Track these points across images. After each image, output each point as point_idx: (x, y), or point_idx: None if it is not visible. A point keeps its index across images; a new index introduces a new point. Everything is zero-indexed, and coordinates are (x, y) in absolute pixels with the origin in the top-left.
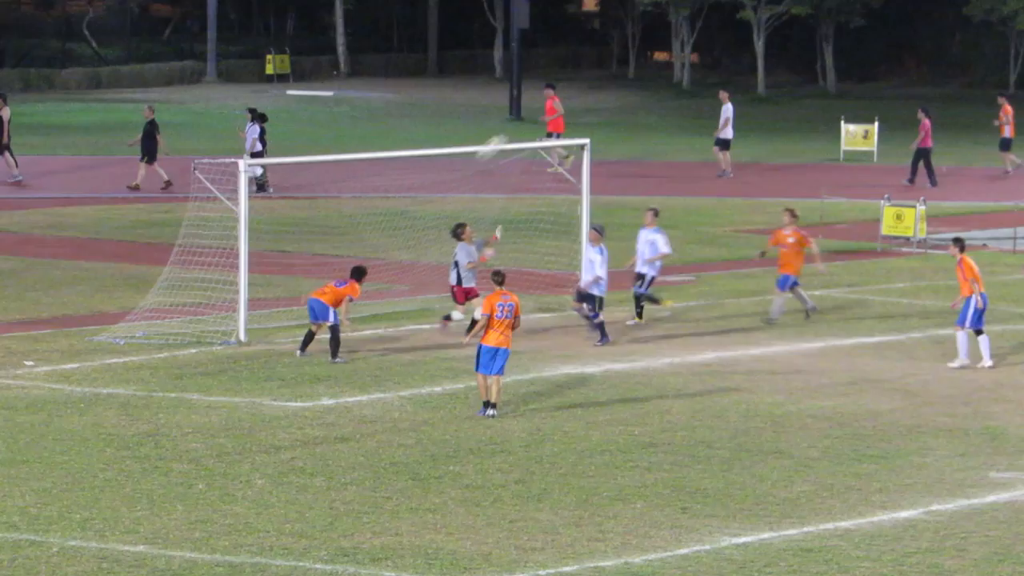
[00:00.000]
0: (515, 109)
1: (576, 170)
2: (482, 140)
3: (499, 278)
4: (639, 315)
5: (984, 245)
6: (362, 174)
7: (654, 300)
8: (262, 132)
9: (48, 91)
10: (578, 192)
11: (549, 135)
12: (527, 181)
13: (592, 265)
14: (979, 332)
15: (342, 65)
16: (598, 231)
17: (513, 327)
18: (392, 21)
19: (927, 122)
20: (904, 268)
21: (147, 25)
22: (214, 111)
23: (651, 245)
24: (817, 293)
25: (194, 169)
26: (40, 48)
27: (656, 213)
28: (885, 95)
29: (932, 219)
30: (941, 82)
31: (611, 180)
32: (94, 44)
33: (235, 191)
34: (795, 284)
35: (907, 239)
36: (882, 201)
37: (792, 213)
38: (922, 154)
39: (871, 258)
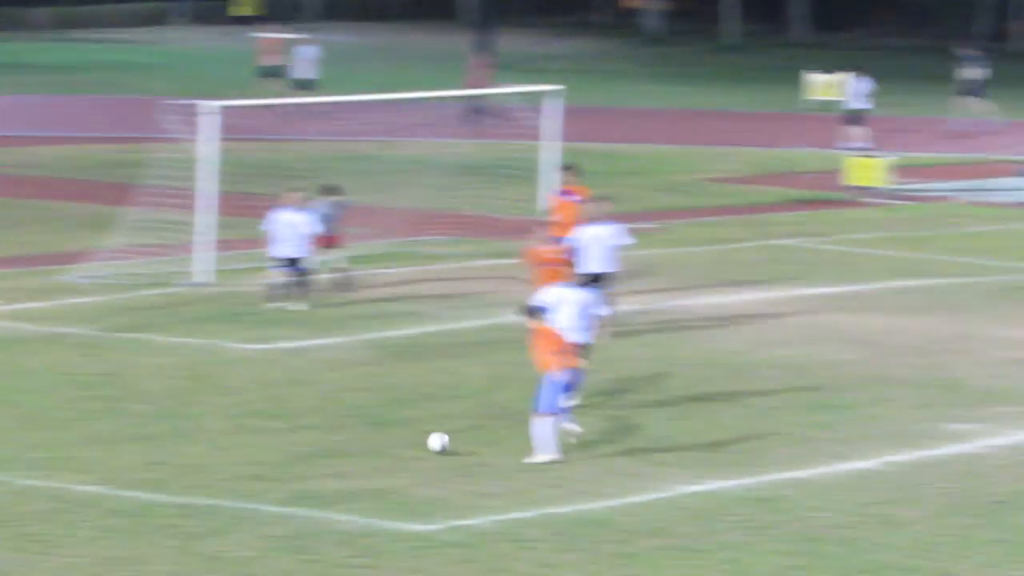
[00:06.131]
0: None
1: (545, 116)
2: (444, 85)
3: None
4: None
5: (949, 196)
6: (327, 117)
7: None
8: None
9: (16, 30)
10: (545, 137)
11: None
12: (495, 126)
13: None
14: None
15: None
16: None
17: None
18: None
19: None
20: (868, 218)
21: None
22: (183, 52)
23: None
24: (781, 242)
25: (161, 111)
26: None
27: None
28: (856, 45)
29: (898, 170)
30: (913, 33)
31: (578, 126)
32: None
33: (201, 133)
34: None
35: (872, 189)
36: (847, 151)
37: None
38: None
39: (836, 208)
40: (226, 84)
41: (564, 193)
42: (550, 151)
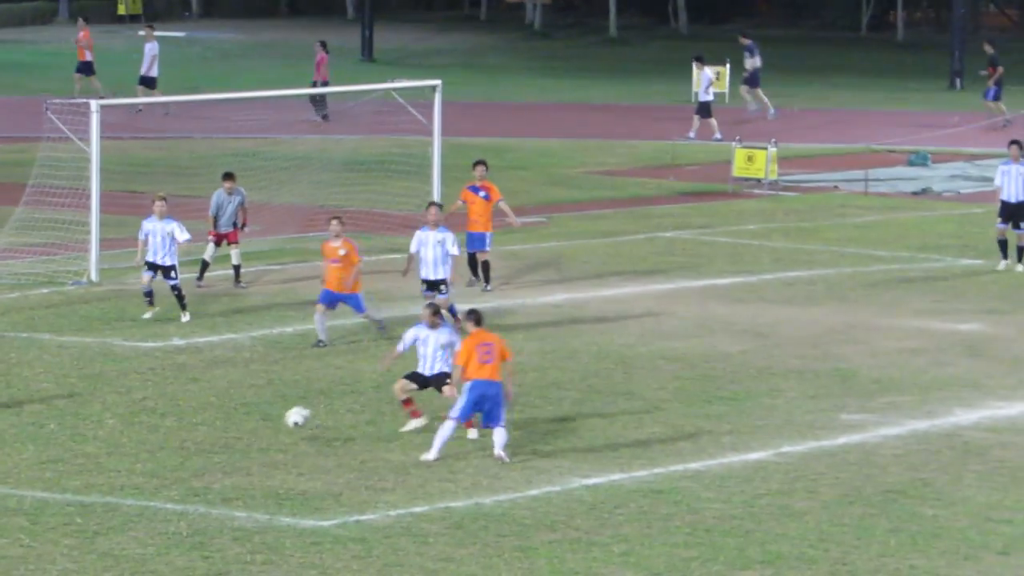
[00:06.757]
0: (367, 50)
1: (428, 111)
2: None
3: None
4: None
5: (835, 187)
6: (214, 115)
7: None
8: None
9: None
10: (429, 133)
11: None
12: (379, 122)
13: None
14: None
15: (194, 5)
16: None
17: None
18: None
19: (324, 56)
20: (755, 210)
21: None
22: (66, 52)
23: None
24: (670, 234)
25: (46, 109)
26: None
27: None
28: (737, 37)
29: (783, 161)
30: (793, 23)
31: (462, 121)
32: None
33: (87, 131)
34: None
35: (758, 181)
36: (733, 143)
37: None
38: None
39: (722, 200)
40: (107, 83)
41: (472, 187)
42: (433, 146)
